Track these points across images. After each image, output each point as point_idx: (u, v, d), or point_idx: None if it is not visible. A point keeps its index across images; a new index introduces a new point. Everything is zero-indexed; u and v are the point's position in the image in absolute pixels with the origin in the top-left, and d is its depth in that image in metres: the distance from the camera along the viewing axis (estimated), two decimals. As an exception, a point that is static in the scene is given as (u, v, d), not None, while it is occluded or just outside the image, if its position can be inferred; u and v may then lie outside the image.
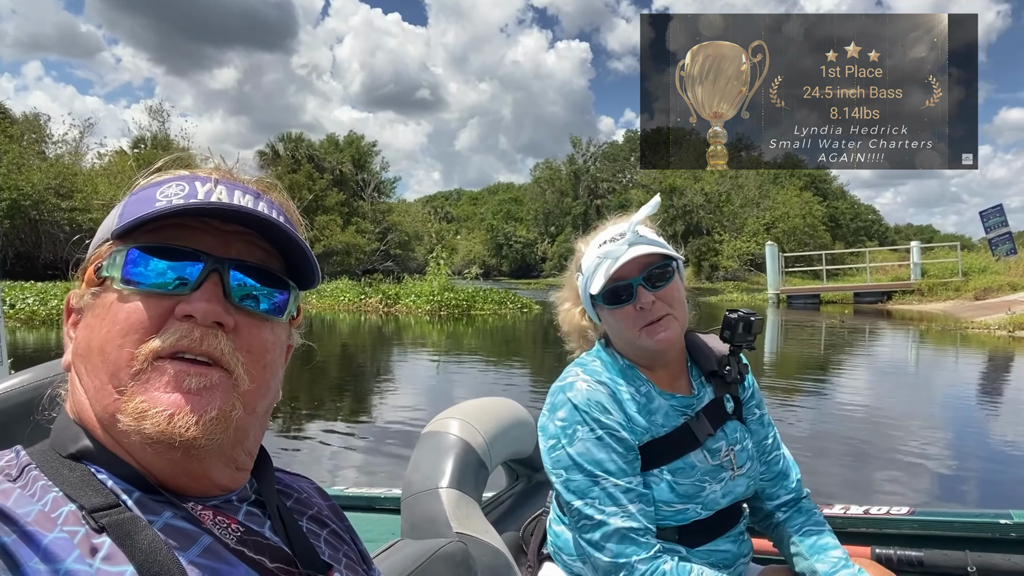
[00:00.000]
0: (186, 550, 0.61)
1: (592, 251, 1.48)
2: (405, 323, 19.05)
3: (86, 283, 0.69)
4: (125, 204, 0.70)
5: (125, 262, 0.64)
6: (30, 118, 38.43)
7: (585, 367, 1.51)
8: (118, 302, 0.64)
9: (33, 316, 16.50)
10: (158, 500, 0.63)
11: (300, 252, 0.71)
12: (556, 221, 77.03)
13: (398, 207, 57.51)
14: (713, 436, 1.48)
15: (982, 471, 5.16)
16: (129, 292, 0.64)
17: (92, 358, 0.64)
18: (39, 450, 0.65)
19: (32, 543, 0.55)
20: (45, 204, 31.77)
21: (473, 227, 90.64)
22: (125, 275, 0.64)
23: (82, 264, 0.71)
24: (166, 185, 0.68)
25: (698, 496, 1.43)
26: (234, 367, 0.65)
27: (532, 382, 9.42)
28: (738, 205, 52.68)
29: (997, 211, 25.46)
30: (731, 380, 1.53)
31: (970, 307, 19.04)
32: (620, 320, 1.45)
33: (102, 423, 0.64)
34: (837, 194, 70.27)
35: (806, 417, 6.80)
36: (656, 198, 1.47)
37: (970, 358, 11.88)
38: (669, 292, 1.44)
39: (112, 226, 0.69)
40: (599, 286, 1.43)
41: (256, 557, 0.65)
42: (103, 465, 0.64)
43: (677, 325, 1.45)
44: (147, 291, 0.64)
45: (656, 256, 1.42)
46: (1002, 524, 1.87)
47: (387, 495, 2.39)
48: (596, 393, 1.43)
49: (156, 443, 0.61)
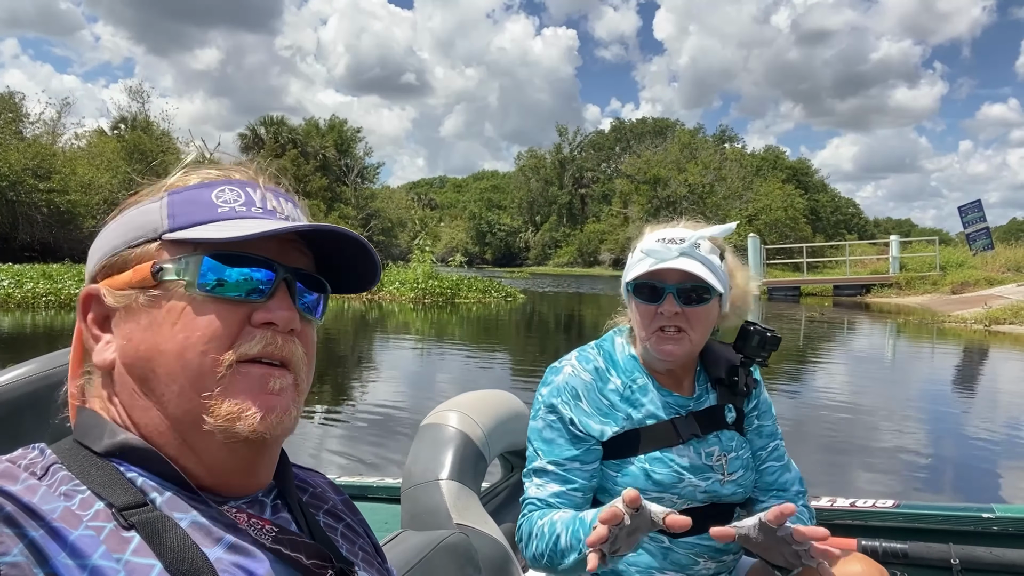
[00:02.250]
0: (213, 547, 0.61)
1: (648, 242, 1.47)
2: (389, 310, 18.99)
3: (134, 282, 0.67)
4: (171, 204, 0.68)
5: (201, 269, 0.65)
6: (5, 97, 37.64)
7: (581, 353, 1.57)
8: (193, 309, 0.65)
9: (8, 299, 16.24)
10: (194, 500, 0.64)
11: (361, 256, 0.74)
12: (541, 210, 77.05)
13: (381, 193, 57.25)
14: (701, 439, 1.50)
15: (963, 466, 5.26)
16: (205, 299, 0.65)
17: (166, 362, 0.65)
18: (64, 448, 0.65)
19: (59, 539, 0.55)
20: (23, 185, 31.23)
21: (456, 214, 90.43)
22: (203, 282, 0.65)
23: (105, 260, 0.69)
24: (219, 189, 0.69)
25: (674, 487, 1.46)
26: (299, 369, 0.69)
27: (518, 371, 9.45)
28: (721, 197, 52.99)
29: (975, 206, 25.83)
30: (737, 391, 1.55)
31: (947, 301, 19.34)
32: (641, 316, 1.49)
33: (175, 424, 0.65)
34: (818, 187, 70.91)
35: (785, 408, 6.89)
36: (732, 224, 1.49)
37: (947, 352, 12.07)
38: (697, 313, 1.45)
39: (160, 225, 0.67)
40: (633, 276, 1.47)
41: (293, 555, 0.66)
42: (139, 463, 0.64)
43: (688, 345, 1.46)
44: (225, 299, 0.65)
45: (699, 278, 1.41)
46: (985, 518, 1.92)
47: (380, 484, 2.40)
48: (575, 379, 1.51)
49: (242, 442, 0.65)
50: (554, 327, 16.43)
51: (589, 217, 71.63)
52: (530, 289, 28.92)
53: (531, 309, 20.56)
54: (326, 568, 0.68)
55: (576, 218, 73.26)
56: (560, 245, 71.63)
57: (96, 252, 0.71)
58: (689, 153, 58.66)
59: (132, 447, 0.65)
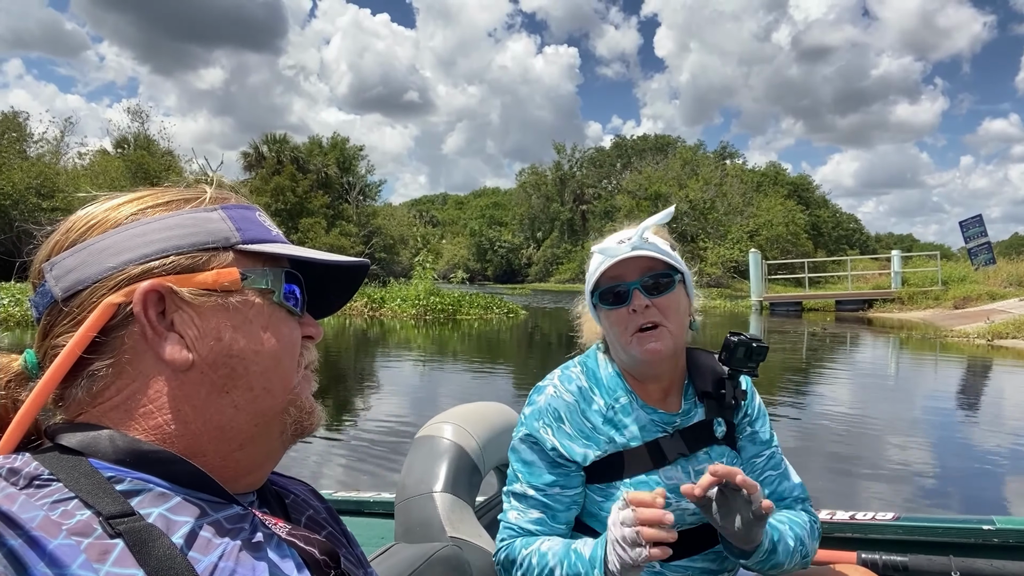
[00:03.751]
0: (205, 554, 0.62)
1: (598, 247, 1.48)
2: (391, 327, 18.99)
3: (220, 285, 0.68)
4: (231, 216, 0.72)
5: (284, 282, 0.73)
6: (9, 116, 37.91)
7: (564, 371, 1.53)
8: (276, 318, 0.72)
9: (8, 318, 16.25)
10: (210, 502, 0.66)
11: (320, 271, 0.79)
12: (542, 226, 77.14)
13: (383, 210, 57.27)
14: (689, 457, 1.46)
15: (964, 479, 5.22)
16: (280, 308, 0.73)
17: (261, 361, 0.70)
18: (50, 456, 0.64)
19: (38, 547, 0.55)
20: (26, 204, 31.38)
21: (458, 231, 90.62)
22: (285, 294, 0.73)
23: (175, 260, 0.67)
24: (258, 211, 0.76)
25: None
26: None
27: (519, 387, 9.41)
28: (722, 212, 53.04)
29: (976, 221, 25.84)
30: (725, 405, 1.50)
31: (949, 316, 19.29)
32: (615, 324, 1.45)
33: (255, 419, 0.70)
34: (819, 203, 71.01)
35: (788, 424, 6.86)
36: (671, 208, 1.48)
37: (950, 366, 12.02)
38: (666, 301, 1.42)
39: (231, 235, 0.71)
40: (593, 283, 1.45)
41: (307, 548, 0.70)
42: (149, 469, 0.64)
43: (670, 338, 1.42)
44: (292, 311, 0.74)
45: (659, 263, 1.41)
46: (985, 530, 1.90)
47: (377, 499, 2.39)
48: (558, 400, 1.47)
49: (298, 437, 0.74)
50: (556, 343, 16.39)
51: (591, 233, 71.67)
52: (532, 305, 28.89)
53: (533, 325, 20.53)
54: (331, 566, 0.71)
55: (577, 234, 73.32)
56: (561, 261, 71.61)
57: (135, 248, 0.67)
58: (690, 169, 58.82)
59: (145, 452, 0.64)
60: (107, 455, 0.64)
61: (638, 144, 76.59)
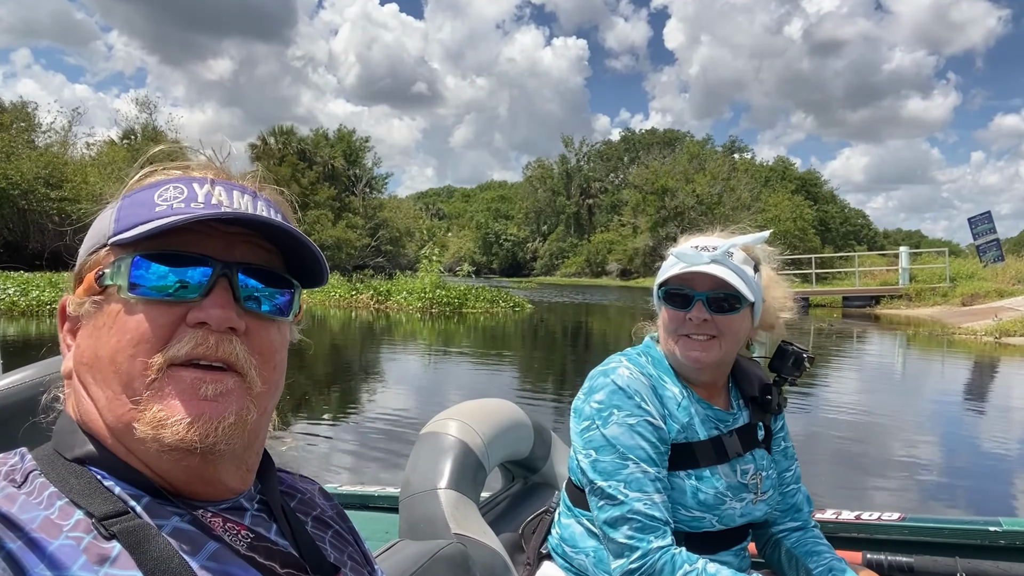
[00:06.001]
0: (194, 555, 0.60)
1: (681, 247, 1.47)
2: (396, 320, 19.00)
3: (85, 291, 0.67)
4: (120, 208, 0.67)
5: (131, 270, 0.63)
6: (18, 106, 38.05)
7: (630, 357, 1.52)
8: (125, 312, 0.63)
9: (13, 307, 16.33)
10: (167, 506, 0.63)
11: (305, 250, 0.70)
12: (548, 220, 77.13)
13: (390, 203, 57.35)
14: (741, 457, 1.49)
15: (972, 478, 5.19)
16: (136, 301, 0.63)
17: (101, 368, 0.63)
18: (44, 454, 0.64)
19: (37, 549, 0.54)
20: (34, 194, 31.56)
21: (464, 224, 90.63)
22: (132, 284, 0.63)
23: (75, 270, 0.69)
24: (163, 188, 0.67)
25: (717, 508, 1.44)
26: (248, 371, 0.65)
27: (525, 382, 9.41)
28: (729, 208, 52.87)
29: (985, 218, 25.70)
30: (769, 410, 1.54)
31: (957, 313, 19.19)
32: (669, 321, 1.47)
33: (114, 432, 0.63)
34: (827, 198, 70.78)
35: (793, 421, 6.85)
36: (766, 232, 1.49)
37: (958, 363, 11.97)
38: (727, 322, 1.43)
39: (108, 231, 0.67)
40: (664, 279, 1.46)
41: (267, 563, 0.65)
42: (109, 471, 0.63)
43: (718, 353, 1.44)
44: (156, 300, 0.63)
45: (730, 285, 1.40)
46: (991, 531, 1.89)
47: (381, 494, 2.39)
48: (636, 382, 1.44)
49: (174, 450, 0.61)
50: (562, 337, 16.39)
51: (597, 227, 71.65)
52: (537, 299, 28.88)
53: (539, 319, 20.52)
54: None
55: (583, 228, 73.31)
56: (567, 255, 71.62)
57: (82, 252, 0.70)
58: (698, 164, 58.65)
59: (95, 455, 0.64)
60: (72, 454, 0.64)
61: (646, 138, 76.44)
